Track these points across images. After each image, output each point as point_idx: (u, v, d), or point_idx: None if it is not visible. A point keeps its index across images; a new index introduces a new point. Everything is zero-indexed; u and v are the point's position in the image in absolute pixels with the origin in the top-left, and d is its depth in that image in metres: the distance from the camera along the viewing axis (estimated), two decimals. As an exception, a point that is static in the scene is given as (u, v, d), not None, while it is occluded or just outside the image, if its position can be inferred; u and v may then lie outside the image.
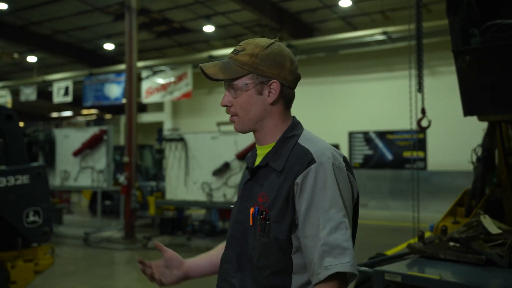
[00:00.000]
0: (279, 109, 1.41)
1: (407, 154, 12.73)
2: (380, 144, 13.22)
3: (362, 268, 2.88)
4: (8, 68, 21.62)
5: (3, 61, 20.41)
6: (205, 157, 8.51)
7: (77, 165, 9.58)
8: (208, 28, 15.13)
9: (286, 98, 1.42)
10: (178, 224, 9.12)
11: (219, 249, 1.58)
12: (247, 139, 8.12)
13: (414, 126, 5.04)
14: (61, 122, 24.83)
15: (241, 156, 8.10)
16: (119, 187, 9.75)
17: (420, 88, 4.83)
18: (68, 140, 9.76)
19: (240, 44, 1.43)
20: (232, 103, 1.41)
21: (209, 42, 17.18)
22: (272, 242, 1.30)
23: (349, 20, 14.78)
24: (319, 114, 16.14)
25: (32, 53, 18.73)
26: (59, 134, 9.93)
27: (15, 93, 19.73)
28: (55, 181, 9.79)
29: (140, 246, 8.59)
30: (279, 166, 1.33)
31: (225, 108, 1.44)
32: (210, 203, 8.45)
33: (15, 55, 19.08)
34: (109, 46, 17.54)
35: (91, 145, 9.44)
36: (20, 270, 4.36)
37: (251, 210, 1.35)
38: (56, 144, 9.89)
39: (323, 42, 13.80)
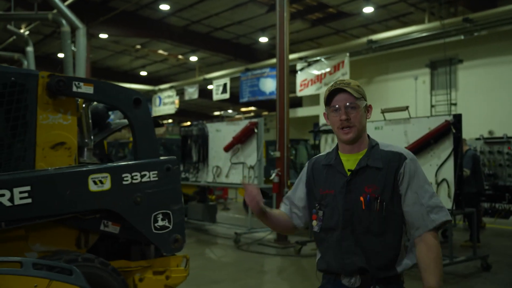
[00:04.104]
0: None
1: None
2: None
3: None
4: (174, 69, 22.98)
5: (170, 63, 21.74)
6: (367, 151, 7.16)
7: (228, 161, 9.07)
8: (367, 10, 13.63)
9: None
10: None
11: (280, 213, 2.17)
12: (419, 129, 6.58)
13: None
14: (221, 120, 25.70)
15: (413, 149, 6.55)
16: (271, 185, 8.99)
17: None
18: (220, 134, 9.31)
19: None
20: None
21: (367, 26, 15.62)
22: (387, 215, 1.89)
23: (548, -19, 11.84)
24: (507, 100, 13.41)
25: (193, 53, 19.44)
26: (211, 128, 9.56)
27: (180, 93, 20.75)
28: (208, 177, 9.45)
29: (293, 252, 7.65)
30: (379, 165, 1.92)
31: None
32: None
33: (180, 57, 20.10)
34: (263, 40, 17.19)
35: (242, 139, 8.83)
36: (148, 284, 3.66)
37: (361, 198, 1.89)
38: (209, 139, 9.55)
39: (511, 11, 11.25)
